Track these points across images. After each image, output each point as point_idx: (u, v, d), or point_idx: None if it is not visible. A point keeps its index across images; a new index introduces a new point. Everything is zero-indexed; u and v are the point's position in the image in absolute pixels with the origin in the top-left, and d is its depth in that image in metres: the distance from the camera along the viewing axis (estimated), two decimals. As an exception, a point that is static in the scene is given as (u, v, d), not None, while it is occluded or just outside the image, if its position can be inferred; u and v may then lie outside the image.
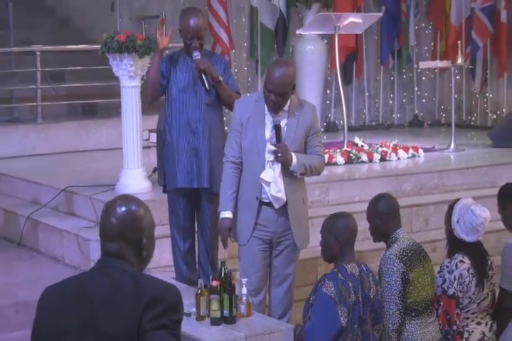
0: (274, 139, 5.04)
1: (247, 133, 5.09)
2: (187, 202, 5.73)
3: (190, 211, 5.76)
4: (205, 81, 5.56)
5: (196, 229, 5.83)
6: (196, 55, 5.59)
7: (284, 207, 5.14)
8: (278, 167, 5.04)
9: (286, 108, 5.09)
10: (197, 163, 5.64)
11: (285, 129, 5.08)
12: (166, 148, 5.77)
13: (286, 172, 5.08)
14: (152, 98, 5.78)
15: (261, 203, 5.11)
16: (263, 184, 5.06)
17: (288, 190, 5.08)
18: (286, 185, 5.07)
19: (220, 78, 5.59)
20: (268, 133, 5.09)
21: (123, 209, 2.85)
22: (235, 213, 5.17)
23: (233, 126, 5.17)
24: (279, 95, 4.97)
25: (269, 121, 5.10)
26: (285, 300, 5.32)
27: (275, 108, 5.05)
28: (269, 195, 5.06)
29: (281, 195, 5.07)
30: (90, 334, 2.71)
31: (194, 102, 5.62)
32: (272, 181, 5.02)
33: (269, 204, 5.12)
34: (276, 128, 5.03)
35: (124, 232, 2.83)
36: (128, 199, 2.92)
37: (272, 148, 5.00)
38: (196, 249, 5.83)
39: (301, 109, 5.15)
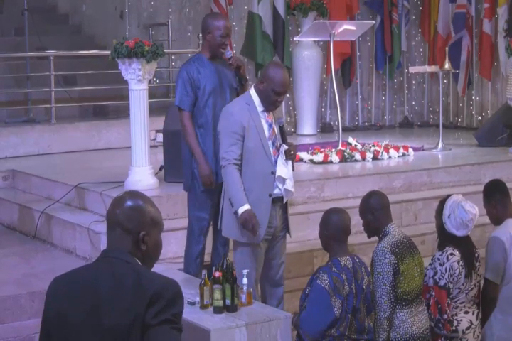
0: (274, 137, 5.08)
1: (250, 134, 5.05)
2: (213, 197, 5.59)
3: (212, 205, 5.62)
4: (240, 77, 5.58)
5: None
6: (229, 53, 5.60)
7: (282, 200, 5.17)
8: (290, 163, 5.09)
9: None
10: None
11: (276, 128, 5.12)
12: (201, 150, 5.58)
13: None
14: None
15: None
16: (277, 181, 5.06)
17: None
18: None
19: (247, 77, 5.61)
20: (266, 132, 5.09)
21: (127, 200, 2.81)
22: None
23: (233, 130, 5.04)
24: (285, 93, 5.13)
25: (263, 120, 5.11)
26: (280, 289, 5.30)
27: (278, 106, 5.15)
28: (282, 189, 5.08)
29: (293, 188, 5.15)
30: (94, 323, 2.68)
31: (222, 104, 5.49)
32: (288, 177, 5.05)
33: (272, 200, 5.11)
34: (281, 128, 5.06)
35: (121, 219, 2.78)
36: (135, 195, 2.88)
37: (286, 147, 5.05)
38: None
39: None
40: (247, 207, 4.99)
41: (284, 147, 5.05)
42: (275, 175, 5.07)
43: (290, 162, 5.10)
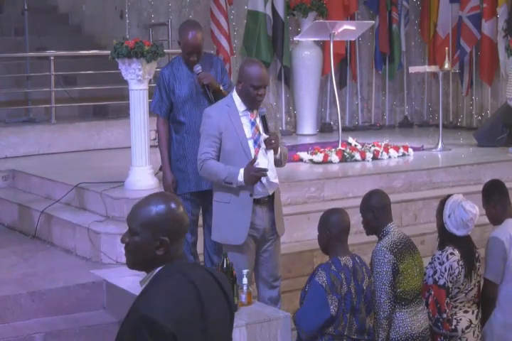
0: (258, 135, 5.02)
1: (228, 136, 4.99)
2: (195, 198, 5.67)
3: (198, 205, 5.70)
4: (209, 95, 5.51)
5: (202, 222, 5.78)
6: (198, 69, 5.52)
7: (269, 202, 5.11)
8: (271, 154, 5.03)
9: None
10: None
11: (259, 122, 5.08)
12: (176, 156, 5.65)
13: None
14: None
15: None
16: None
17: None
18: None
19: (221, 88, 5.55)
20: (248, 131, 5.03)
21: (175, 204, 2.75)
22: (226, 216, 5.06)
23: (210, 133, 5.00)
24: (265, 87, 5.01)
25: (246, 119, 5.06)
26: (275, 291, 5.25)
27: (261, 102, 5.03)
28: (264, 181, 4.97)
29: (277, 179, 5.08)
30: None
31: (198, 110, 5.49)
32: (269, 168, 4.99)
33: (258, 201, 5.05)
34: (263, 118, 5.01)
35: None
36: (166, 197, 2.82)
37: (265, 136, 4.97)
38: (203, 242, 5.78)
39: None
40: (241, 171, 4.87)
41: (264, 136, 4.98)
42: None
43: (271, 152, 5.01)
